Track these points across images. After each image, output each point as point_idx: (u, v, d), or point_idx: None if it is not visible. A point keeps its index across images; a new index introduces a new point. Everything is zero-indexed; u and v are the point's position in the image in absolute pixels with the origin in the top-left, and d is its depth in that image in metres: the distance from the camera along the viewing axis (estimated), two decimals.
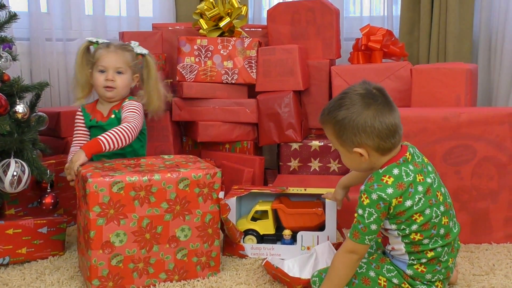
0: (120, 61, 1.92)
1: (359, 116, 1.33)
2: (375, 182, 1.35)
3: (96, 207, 1.53)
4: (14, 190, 1.78)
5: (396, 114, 1.37)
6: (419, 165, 1.39)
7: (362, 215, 1.35)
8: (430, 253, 1.38)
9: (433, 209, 1.36)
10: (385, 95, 1.37)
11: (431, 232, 1.36)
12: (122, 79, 1.93)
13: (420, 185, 1.36)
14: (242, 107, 2.42)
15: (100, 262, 1.55)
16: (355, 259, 1.38)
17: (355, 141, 1.35)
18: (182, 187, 1.60)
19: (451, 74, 2.13)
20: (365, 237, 1.35)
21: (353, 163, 1.42)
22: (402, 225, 1.36)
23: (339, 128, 1.36)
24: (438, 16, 2.70)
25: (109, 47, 1.93)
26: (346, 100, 1.36)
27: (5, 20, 1.87)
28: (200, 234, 1.64)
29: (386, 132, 1.34)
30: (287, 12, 2.54)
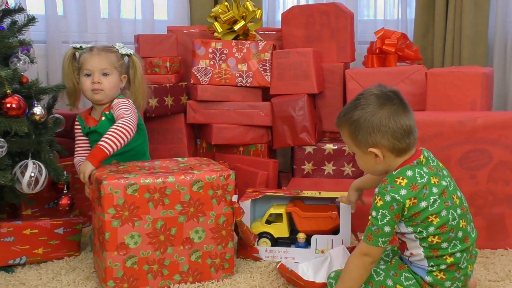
0: (104, 63, 1.92)
1: (374, 115, 1.35)
2: (388, 184, 1.35)
3: (111, 209, 1.54)
4: (31, 191, 1.80)
5: (411, 116, 1.38)
6: (433, 168, 1.39)
7: (375, 217, 1.35)
8: (449, 258, 1.36)
9: (449, 211, 1.35)
10: (400, 98, 1.38)
11: (449, 234, 1.35)
12: (109, 80, 1.93)
13: (435, 187, 1.36)
14: (256, 110, 2.43)
15: (115, 263, 1.57)
16: (369, 262, 1.37)
17: (370, 141, 1.36)
18: (196, 189, 1.61)
19: (466, 78, 2.12)
20: (379, 239, 1.35)
21: (368, 165, 1.42)
22: (418, 227, 1.35)
23: (354, 128, 1.37)
24: (453, 20, 2.68)
25: (93, 50, 1.93)
26: (362, 100, 1.38)
27: (24, 23, 1.90)
28: (214, 236, 1.65)
29: (400, 132, 1.35)
30: (301, 15, 2.54)
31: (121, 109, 1.85)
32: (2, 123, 1.68)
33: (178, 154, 2.47)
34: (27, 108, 1.76)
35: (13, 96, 1.72)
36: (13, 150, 1.76)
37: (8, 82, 1.70)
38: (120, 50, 1.97)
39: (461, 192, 1.45)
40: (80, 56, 1.95)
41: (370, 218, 1.36)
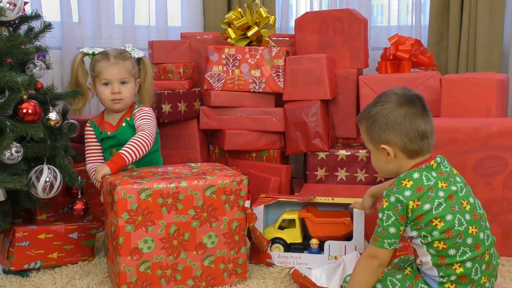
0: (123, 72, 1.93)
1: (391, 112, 1.37)
2: (395, 186, 1.36)
3: (124, 214, 1.55)
4: (46, 196, 1.82)
5: (429, 121, 1.38)
6: (444, 174, 1.38)
7: (381, 218, 1.36)
8: (459, 268, 1.33)
9: (456, 216, 1.33)
10: (422, 102, 1.40)
11: (455, 240, 1.32)
12: (128, 88, 1.94)
13: (442, 191, 1.34)
14: (269, 116, 2.43)
15: (129, 268, 1.57)
16: (376, 265, 1.36)
17: (383, 138, 1.38)
18: (209, 194, 1.61)
19: (481, 84, 2.10)
20: (384, 241, 1.34)
21: (380, 163, 1.43)
22: (422, 231, 1.34)
23: (371, 123, 1.40)
24: (468, 26, 2.67)
25: (109, 59, 1.92)
26: (383, 97, 1.40)
27: (40, 29, 1.92)
28: (227, 241, 1.65)
29: (414, 133, 1.35)
30: (314, 21, 2.55)
31: (143, 119, 1.89)
32: (18, 128, 1.70)
33: (191, 159, 2.48)
34: (43, 113, 1.78)
35: (29, 102, 1.74)
36: (28, 155, 1.78)
37: (24, 88, 1.72)
38: (133, 54, 1.98)
39: (477, 199, 1.43)
40: (96, 64, 1.94)
41: (377, 220, 1.37)
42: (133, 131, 1.90)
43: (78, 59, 1.96)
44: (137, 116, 1.92)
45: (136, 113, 1.94)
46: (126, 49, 1.99)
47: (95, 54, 1.96)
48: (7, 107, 1.71)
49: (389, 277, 1.40)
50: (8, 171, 1.69)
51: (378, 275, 1.38)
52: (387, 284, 1.39)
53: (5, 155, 1.66)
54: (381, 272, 1.38)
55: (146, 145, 1.78)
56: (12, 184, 1.67)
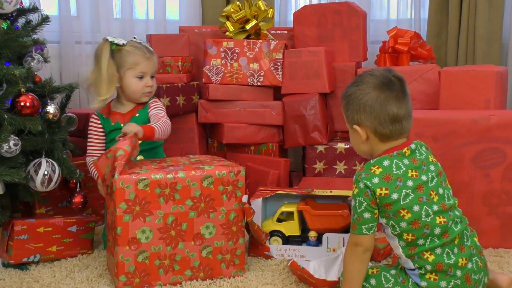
0: (156, 66, 1.98)
1: (364, 94, 1.37)
2: (363, 172, 1.36)
3: (122, 204, 1.56)
4: (45, 189, 1.82)
5: (403, 106, 1.36)
6: (417, 161, 1.37)
7: (354, 205, 1.36)
8: (430, 256, 1.33)
9: (423, 207, 1.33)
10: (402, 85, 1.38)
11: (423, 231, 1.33)
12: (155, 82, 1.98)
13: (411, 180, 1.34)
14: (268, 109, 2.43)
15: (127, 258, 1.58)
16: (360, 251, 1.36)
17: (355, 118, 1.39)
18: (207, 185, 1.62)
19: (480, 76, 2.10)
20: (362, 227, 1.35)
21: (354, 142, 1.44)
22: (391, 220, 1.34)
23: (346, 103, 1.41)
24: (467, 19, 2.66)
25: (145, 53, 1.93)
26: (359, 78, 1.41)
27: (38, 22, 1.92)
28: (224, 232, 1.66)
29: (384, 116, 1.35)
30: (313, 14, 2.54)
31: (159, 110, 1.92)
32: (16, 122, 1.70)
33: (189, 153, 2.48)
34: (40, 106, 1.78)
35: (27, 95, 1.73)
36: (26, 149, 1.78)
37: (22, 81, 1.72)
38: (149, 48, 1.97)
39: (449, 188, 1.41)
40: (130, 56, 1.90)
41: (352, 207, 1.38)
42: (146, 122, 1.89)
43: (108, 48, 1.89)
44: (152, 106, 1.95)
45: (151, 103, 1.95)
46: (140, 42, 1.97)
47: (125, 45, 1.91)
48: (4, 100, 1.71)
49: (384, 272, 1.40)
50: (6, 164, 1.69)
51: (367, 261, 1.38)
52: (381, 279, 1.39)
53: (3, 148, 1.66)
54: (368, 257, 1.38)
55: (169, 131, 1.83)
56: (10, 177, 1.67)
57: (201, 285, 1.63)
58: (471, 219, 1.84)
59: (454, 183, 1.86)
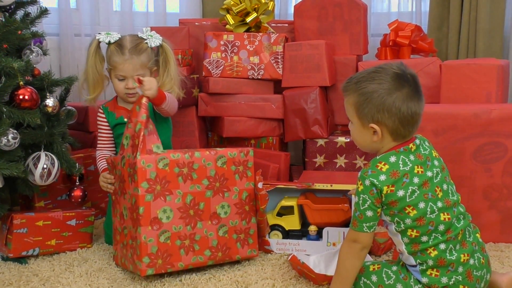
0: (137, 68, 1.86)
1: (389, 94, 1.31)
2: (370, 168, 1.34)
3: (144, 183, 1.57)
4: (44, 183, 1.81)
5: (421, 105, 1.35)
6: (422, 157, 1.35)
7: (357, 202, 1.34)
8: (433, 252, 1.32)
9: (428, 204, 1.32)
10: (417, 83, 1.35)
11: (427, 228, 1.32)
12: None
13: (417, 177, 1.33)
14: (268, 102, 2.42)
15: (150, 238, 1.58)
16: (358, 248, 1.36)
17: (376, 117, 1.33)
18: (220, 165, 1.66)
19: (481, 70, 2.09)
20: (363, 225, 1.34)
21: (362, 139, 1.38)
22: (395, 217, 1.33)
23: (364, 100, 1.33)
24: (468, 12, 2.64)
25: (124, 54, 1.84)
26: (381, 74, 1.33)
27: (37, 15, 1.91)
28: (238, 211, 1.69)
29: (409, 118, 1.32)
30: (314, 7, 2.52)
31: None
32: (15, 115, 1.69)
33: (189, 146, 2.47)
34: (39, 99, 1.77)
35: (26, 88, 1.73)
36: (25, 142, 1.77)
37: (20, 74, 1.71)
38: (150, 43, 1.89)
39: (452, 184, 1.41)
40: (111, 57, 1.86)
41: (354, 204, 1.36)
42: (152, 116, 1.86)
43: (94, 47, 1.87)
44: None
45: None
46: (143, 37, 1.90)
47: (111, 43, 1.87)
48: (3, 93, 1.71)
49: (385, 269, 1.40)
50: (5, 157, 1.69)
51: (363, 258, 1.38)
52: (382, 276, 1.39)
53: (2, 142, 1.66)
54: (364, 254, 1.38)
55: (174, 106, 1.84)
56: (9, 171, 1.67)
57: (201, 279, 1.63)
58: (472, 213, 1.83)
59: (455, 177, 1.85)
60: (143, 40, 1.90)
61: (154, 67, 1.93)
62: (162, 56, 1.92)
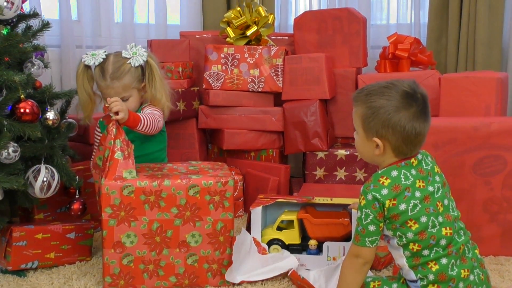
0: (119, 91, 1.85)
1: (396, 111, 1.32)
2: (372, 183, 1.34)
3: (108, 208, 1.60)
4: (44, 196, 1.81)
5: (427, 126, 1.36)
6: (424, 172, 1.36)
7: (360, 217, 1.34)
8: (434, 266, 1.32)
9: (430, 218, 1.32)
10: (425, 103, 1.35)
11: (429, 242, 1.32)
12: (130, 102, 1.88)
13: (418, 191, 1.33)
14: (268, 115, 2.43)
15: (112, 260, 1.62)
16: (360, 263, 1.35)
17: (380, 132, 1.34)
18: (192, 194, 1.63)
19: (481, 83, 2.09)
20: (366, 239, 1.34)
21: (365, 150, 1.40)
22: (397, 231, 1.33)
23: (371, 114, 1.34)
24: (467, 24, 2.66)
25: (106, 79, 1.84)
26: (392, 91, 1.34)
27: (38, 28, 1.91)
28: (211, 241, 1.66)
29: (412, 138, 1.33)
30: (313, 20, 2.54)
31: (153, 110, 1.88)
32: (15, 128, 1.69)
33: (189, 159, 2.47)
34: (40, 113, 1.77)
35: (27, 101, 1.73)
36: (26, 155, 1.77)
37: (22, 87, 1.71)
38: (134, 62, 1.88)
39: (452, 200, 1.41)
40: (96, 80, 1.88)
41: (356, 218, 1.36)
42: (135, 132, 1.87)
43: (81, 69, 1.89)
44: (146, 108, 1.90)
45: (146, 107, 1.91)
46: (126, 56, 1.88)
47: (96, 66, 1.88)
48: (4, 106, 1.71)
49: (385, 286, 1.40)
50: (5, 170, 1.68)
51: (365, 273, 1.38)
52: None
53: (2, 155, 1.66)
54: (367, 270, 1.37)
55: (154, 126, 1.80)
56: (9, 184, 1.66)
57: None
58: (472, 227, 1.84)
59: (454, 190, 1.85)
60: (126, 60, 1.88)
61: (141, 84, 1.92)
62: (147, 71, 1.92)
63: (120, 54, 1.91)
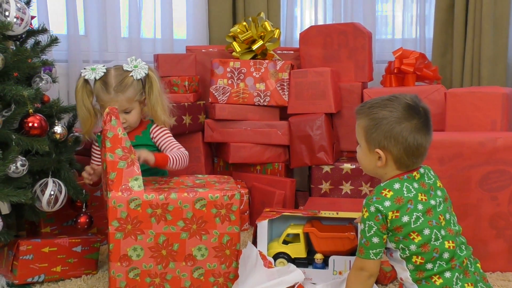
0: (124, 104, 1.86)
1: (398, 123, 1.34)
2: (374, 195, 1.35)
3: (114, 222, 1.60)
4: (51, 209, 1.82)
5: (429, 139, 1.37)
6: (426, 186, 1.37)
7: (363, 229, 1.35)
8: (438, 280, 1.32)
9: (433, 231, 1.33)
10: (427, 117, 1.37)
11: (432, 255, 1.32)
12: (132, 116, 1.90)
13: (421, 204, 1.34)
14: (274, 129, 2.44)
15: (118, 274, 1.62)
16: (365, 276, 1.36)
17: (382, 143, 1.35)
18: (199, 207, 1.64)
19: (486, 98, 2.10)
20: (370, 252, 1.34)
21: (367, 162, 1.41)
22: (400, 243, 1.33)
23: (373, 125, 1.36)
24: (472, 39, 2.67)
25: (110, 93, 1.85)
26: (394, 103, 1.36)
27: (47, 43, 1.93)
28: (217, 255, 1.67)
29: (414, 149, 1.34)
30: (319, 35, 2.55)
31: (169, 138, 1.94)
32: (24, 142, 1.70)
33: (195, 172, 2.48)
34: (48, 127, 1.78)
35: (35, 116, 1.74)
36: (33, 169, 1.78)
37: (30, 102, 1.72)
38: (136, 75, 1.88)
39: (454, 215, 1.42)
40: (98, 94, 1.87)
41: (360, 231, 1.36)
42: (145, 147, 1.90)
43: (80, 84, 1.88)
44: (158, 135, 1.94)
45: (156, 132, 1.94)
46: (128, 69, 1.89)
47: (96, 80, 1.87)
48: (13, 120, 1.72)
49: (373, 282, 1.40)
50: (13, 184, 1.69)
51: (370, 286, 1.38)
52: None
53: (11, 169, 1.67)
54: (372, 283, 1.38)
55: (186, 162, 1.88)
56: (17, 198, 1.67)
57: None
58: (478, 242, 1.84)
59: (461, 205, 1.86)
60: (128, 73, 1.89)
61: (143, 97, 1.94)
62: (147, 85, 1.93)
63: (121, 67, 1.91)
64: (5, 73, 1.74)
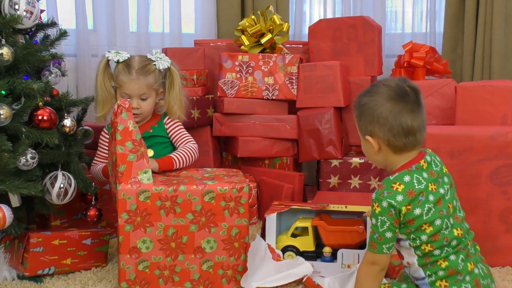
0: (143, 88, 1.87)
1: (378, 105, 1.34)
2: (385, 190, 1.34)
3: (124, 214, 1.61)
4: (61, 202, 1.83)
5: (417, 118, 1.34)
6: (434, 174, 1.36)
7: (375, 224, 1.34)
8: (444, 263, 1.33)
9: (444, 220, 1.33)
10: (417, 97, 1.36)
11: (442, 243, 1.33)
12: (147, 104, 1.90)
13: (432, 195, 1.33)
14: (283, 123, 2.43)
15: (128, 266, 1.63)
16: (377, 270, 1.36)
17: (369, 129, 1.37)
18: (208, 200, 1.64)
19: (497, 91, 2.08)
20: (383, 246, 1.34)
21: (366, 152, 1.43)
22: (412, 234, 1.33)
23: (359, 113, 1.39)
24: (483, 33, 2.65)
25: (131, 74, 1.86)
26: (374, 88, 1.38)
27: (56, 37, 1.94)
28: (226, 247, 1.67)
29: (397, 129, 1.33)
30: (328, 28, 2.54)
31: (182, 131, 1.95)
32: (33, 135, 1.71)
33: (204, 166, 2.47)
34: (57, 120, 1.79)
35: (45, 109, 1.75)
36: (43, 162, 1.79)
37: (40, 95, 1.73)
38: (159, 65, 1.90)
39: (458, 200, 1.42)
40: (118, 75, 1.88)
41: (371, 226, 1.36)
42: (157, 140, 1.92)
43: (103, 65, 1.90)
44: (171, 127, 1.95)
45: (169, 123, 1.95)
46: (152, 58, 1.91)
47: (120, 62, 1.90)
48: (23, 113, 1.73)
49: (394, 287, 1.40)
50: (23, 177, 1.71)
51: (381, 279, 1.38)
52: None
53: (21, 161, 1.68)
54: (383, 276, 1.38)
55: (194, 156, 1.89)
56: (27, 190, 1.68)
57: None
58: (488, 237, 1.83)
59: (470, 199, 1.84)
60: (151, 61, 1.91)
61: (160, 89, 1.94)
62: (169, 79, 1.94)
63: (145, 56, 1.94)
64: (15, 66, 1.75)
